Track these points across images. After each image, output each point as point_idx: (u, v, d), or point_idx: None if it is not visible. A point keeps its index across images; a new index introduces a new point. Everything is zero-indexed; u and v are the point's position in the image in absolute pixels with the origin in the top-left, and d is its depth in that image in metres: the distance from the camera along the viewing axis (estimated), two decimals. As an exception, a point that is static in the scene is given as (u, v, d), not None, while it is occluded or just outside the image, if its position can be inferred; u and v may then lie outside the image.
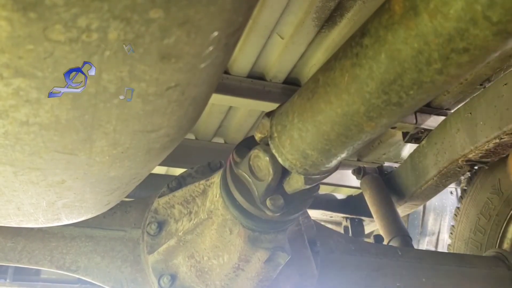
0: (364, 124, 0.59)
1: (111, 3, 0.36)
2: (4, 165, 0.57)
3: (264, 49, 1.40)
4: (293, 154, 0.68)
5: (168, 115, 0.53)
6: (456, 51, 0.46)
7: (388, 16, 0.51)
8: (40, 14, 0.35)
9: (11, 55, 0.39)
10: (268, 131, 0.71)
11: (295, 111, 0.66)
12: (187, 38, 0.41)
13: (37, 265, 1.05)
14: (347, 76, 0.57)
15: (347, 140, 0.62)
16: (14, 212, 0.71)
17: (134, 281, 1.06)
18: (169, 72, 0.45)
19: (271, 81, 1.52)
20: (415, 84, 0.51)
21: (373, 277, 1.21)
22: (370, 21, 0.54)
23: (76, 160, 0.57)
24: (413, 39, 0.48)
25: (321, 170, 0.70)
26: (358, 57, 0.55)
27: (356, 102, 0.57)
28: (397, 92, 0.53)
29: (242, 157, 0.78)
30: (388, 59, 0.51)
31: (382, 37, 0.51)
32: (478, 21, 0.42)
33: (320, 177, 0.72)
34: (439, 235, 2.35)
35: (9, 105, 0.45)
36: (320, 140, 0.64)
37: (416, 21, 0.47)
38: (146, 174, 0.72)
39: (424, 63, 0.48)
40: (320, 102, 0.62)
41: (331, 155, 0.65)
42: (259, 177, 0.75)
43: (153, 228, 1.03)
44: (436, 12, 0.45)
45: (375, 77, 0.53)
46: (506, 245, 1.75)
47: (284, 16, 1.27)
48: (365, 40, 0.54)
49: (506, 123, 1.26)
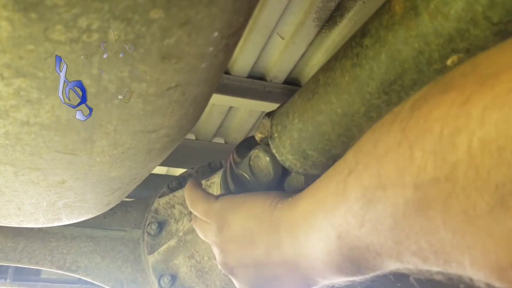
0: (364, 125, 0.59)
1: (111, 4, 0.36)
2: (4, 165, 0.57)
3: (264, 49, 1.40)
4: (294, 154, 0.68)
5: (169, 115, 0.53)
6: (456, 51, 0.46)
7: (388, 17, 0.51)
8: (41, 14, 0.35)
9: (12, 55, 0.39)
10: (268, 131, 0.71)
11: (296, 111, 0.66)
12: (188, 39, 0.42)
13: (37, 265, 1.05)
14: (348, 76, 0.57)
15: (347, 140, 0.62)
16: (15, 212, 0.71)
17: (135, 281, 1.06)
18: (170, 73, 0.45)
19: (271, 81, 1.52)
20: (416, 84, 0.51)
21: (373, 277, 1.21)
22: (370, 22, 0.54)
23: (77, 160, 0.57)
24: (414, 40, 0.48)
25: (322, 171, 0.70)
26: (358, 57, 0.55)
27: (357, 103, 0.57)
28: (398, 92, 0.53)
29: (243, 157, 0.78)
30: (389, 59, 0.51)
31: (383, 38, 0.51)
32: (479, 21, 0.42)
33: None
34: (439, 235, 2.35)
35: (10, 105, 0.45)
36: (321, 140, 0.64)
37: (417, 22, 0.47)
38: (146, 174, 0.73)
39: (424, 63, 0.48)
40: (320, 102, 0.62)
41: (331, 156, 0.66)
42: (259, 177, 0.75)
43: (153, 228, 1.03)
44: (437, 12, 0.45)
45: (375, 77, 0.53)
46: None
47: (285, 16, 1.27)
48: (365, 41, 0.54)
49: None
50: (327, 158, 0.67)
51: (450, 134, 0.29)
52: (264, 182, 0.74)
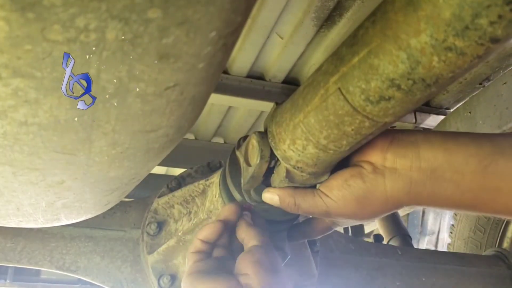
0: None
1: (109, 3, 0.36)
2: (3, 166, 0.57)
3: (263, 49, 1.40)
4: (291, 148, 0.67)
5: (167, 115, 0.53)
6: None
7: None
8: (38, 14, 0.35)
9: (9, 55, 0.39)
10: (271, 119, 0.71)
11: (293, 104, 0.66)
12: (186, 38, 0.42)
13: (37, 266, 1.05)
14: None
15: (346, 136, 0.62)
16: (14, 212, 0.71)
17: (134, 281, 1.06)
18: (168, 72, 0.45)
19: (270, 81, 1.52)
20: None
21: (373, 276, 1.21)
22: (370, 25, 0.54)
23: (75, 160, 0.57)
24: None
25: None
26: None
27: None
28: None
29: (244, 139, 0.78)
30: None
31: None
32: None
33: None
34: (439, 234, 2.35)
35: (8, 105, 0.45)
36: (318, 135, 0.63)
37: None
38: (145, 174, 0.72)
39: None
40: (317, 99, 0.62)
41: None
42: (250, 163, 0.74)
43: (152, 228, 1.03)
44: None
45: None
46: (506, 244, 1.75)
47: (283, 16, 1.27)
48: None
49: (506, 122, 1.26)
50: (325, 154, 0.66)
51: None
52: (254, 171, 0.72)
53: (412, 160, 0.61)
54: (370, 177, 0.63)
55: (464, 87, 1.61)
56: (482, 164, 0.58)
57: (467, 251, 1.81)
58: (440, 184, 0.61)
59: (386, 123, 0.58)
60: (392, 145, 0.63)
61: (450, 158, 0.60)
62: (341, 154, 0.65)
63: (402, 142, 0.63)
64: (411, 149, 0.62)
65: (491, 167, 0.58)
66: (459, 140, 0.61)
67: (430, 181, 0.61)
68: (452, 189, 0.60)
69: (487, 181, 0.59)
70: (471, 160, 0.59)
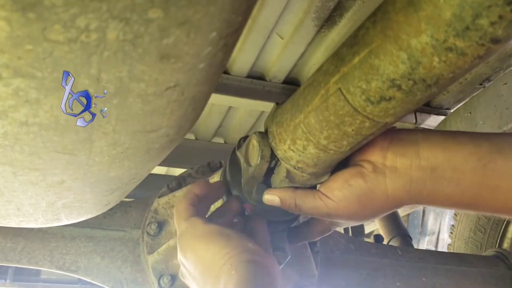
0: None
1: (110, 3, 0.36)
2: (3, 166, 0.57)
3: (263, 49, 1.40)
4: (292, 148, 0.67)
5: (168, 115, 0.53)
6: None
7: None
8: (39, 14, 0.35)
9: (10, 55, 0.39)
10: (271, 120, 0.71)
11: (294, 105, 0.66)
12: (186, 38, 0.42)
13: (37, 266, 1.05)
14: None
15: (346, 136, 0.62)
16: (14, 212, 0.71)
17: (134, 281, 1.06)
18: (169, 72, 0.45)
19: (270, 81, 1.52)
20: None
21: (373, 277, 1.21)
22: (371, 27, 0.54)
23: (76, 160, 0.57)
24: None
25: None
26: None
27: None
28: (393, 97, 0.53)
29: (245, 140, 0.78)
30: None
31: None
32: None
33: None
34: (439, 234, 2.35)
35: (9, 105, 0.45)
36: (318, 135, 0.63)
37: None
38: (145, 174, 0.72)
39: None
40: (317, 100, 0.62)
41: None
42: (250, 163, 0.74)
43: (153, 228, 1.03)
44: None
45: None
46: (506, 244, 1.75)
47: (284, 16, 1.27)
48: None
49: (506, 123, 1.26)
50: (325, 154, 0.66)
51: None
52: (254, 171, 0.72)
53: (412, 159, 0.61)
54: (370, 177, 0.64)
55: (464, 88, 1.61)
56: (481, 162, 0.59)
57: (467, 251, 1.81)
58: (440, 182, 0.61)
59: (387, 124, 0.58)
60: (392, 144, 0.63)
61: (449, 156, 0.60)
62: (341, 155, 0.64)
63: (402, 141, 0.63)
64: (411, 148, 0.62)
65: (490, 165, 0.58)
66: (458, 139, 0.61)
67: (430, 179, 0.61)
68: (452, 188, 0.61)
69: (486, 179, 0.59)
70: (470, 159, 0.59)
